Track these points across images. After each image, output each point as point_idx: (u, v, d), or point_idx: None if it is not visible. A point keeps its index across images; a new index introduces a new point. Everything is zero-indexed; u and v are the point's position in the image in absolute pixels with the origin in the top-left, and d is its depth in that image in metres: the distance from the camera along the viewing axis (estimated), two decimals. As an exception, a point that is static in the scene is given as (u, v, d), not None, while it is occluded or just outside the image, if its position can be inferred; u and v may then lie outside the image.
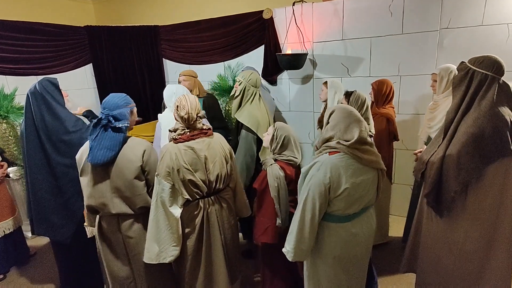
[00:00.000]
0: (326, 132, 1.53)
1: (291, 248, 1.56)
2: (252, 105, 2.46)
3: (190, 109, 1.67)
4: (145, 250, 1.69)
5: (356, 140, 1.44)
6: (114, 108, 1.67)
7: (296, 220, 1.52)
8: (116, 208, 1.70)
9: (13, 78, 3.21)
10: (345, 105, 1.57)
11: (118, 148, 1.64)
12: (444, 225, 1.66)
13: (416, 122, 3.01)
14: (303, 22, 3.22)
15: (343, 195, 1.45)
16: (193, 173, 1.65)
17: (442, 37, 2.71)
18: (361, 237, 1.58)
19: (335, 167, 1.44)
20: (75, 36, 3.72)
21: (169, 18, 3.96)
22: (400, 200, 3.11)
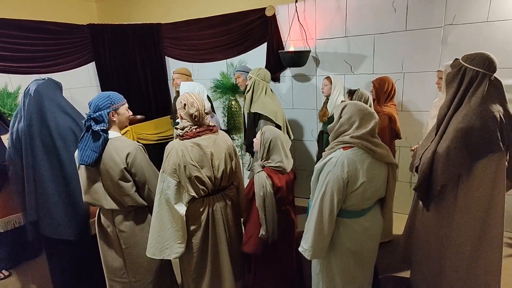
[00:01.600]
0: (340, 126, 1.53)
1: (309, 246, 1.55)
2: (266, 96, 2.53)
3: (199, 106, 1.67)
4: (148, 245, 1.70)
5: (369, 130, 1.46)
6: (95, 110, 1.67)
7: (314, 218, 1.52)
8: (109, 205, 1.74)
9: (16, 76, 3.22)
10: (356, 101, 1.59)
11: (99, 150, 1.65)
12: (436, 218, 1.70)
13: (419, 120, 3.00)
14: (306, 19, 3.20)
15: (359, 190, 1.47)
16: (200, 169, 1.65)
17: (447, 34, 2.69)
18: (373, 230, 1.61)
19: (351, 161, 1.45)
20: (77, 35, 3.72)
21: (171, 16, 3.95)
22: (402, 197, 3.11)
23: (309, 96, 3.46)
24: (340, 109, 1.56)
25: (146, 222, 1.85)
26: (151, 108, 4.12)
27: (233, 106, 3.60)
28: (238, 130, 3.62)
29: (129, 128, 3.10)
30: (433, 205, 1.69)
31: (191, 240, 1.75)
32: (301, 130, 3.61)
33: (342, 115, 1.54)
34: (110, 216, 1.80)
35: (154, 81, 4.12)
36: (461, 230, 1.59)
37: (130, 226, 1.80)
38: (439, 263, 1.71)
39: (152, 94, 4.15)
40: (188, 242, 1.74)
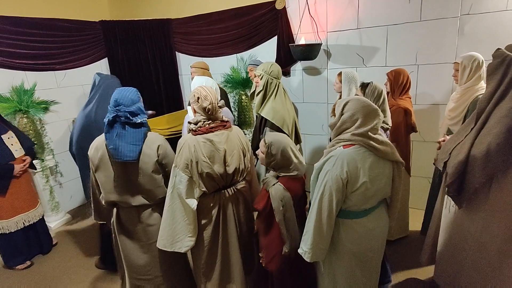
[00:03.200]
0: (342, 123, 1.46)
1: (308, 248, 1.50)
2: (276, 99, 2.35)
3: (212, 99, 1.65)
4: (160, 237, 1.72)
5: (371, 127, 1.40)
6: (130, 103, 1.67)
7: (312, 219, 1.47)
8: (137, 201, 1.76)
9: (32, 73, 3.30)
10: (359, 96, 1.50)
11: (142, 142, 1.68)
12: (463, 215, 1.62)
13: (434, 113, 2.92)
14: (317, 11, 3.15)
15: (360, 190, 1.41)
16: (211, 166, 1.64)
17: (463, 24, 2.60)
18: (377, 231, 1.56)
19: (352, 160, 1.39)
20: (90, 31, 3.78)
21: (181, 11, 3.95)
22: (418, 193, 3.05)
23: (320, 89, 3.42)
24: (342, 105, 1.47)
25: None
26: (162, 103, 4.16)
27: (243, 100, 3.59)
28: (248, 125, 3.61)
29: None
30: (465, 203, 1.60)
31: (202, 234, 1.76)
32: (312, 124, 3.57)
33: (344, 111, 1.46)
34: (135, 213, 1.80)
35: (165, 76, 4.15)
36: (488, 229, 1.51)
37: (159, 218, 1.80)
38: (462, 263, 1.65)
39: (163, 89, 4.18)
40: (198, 236, 1.75)
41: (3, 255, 2.70)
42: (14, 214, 2.60)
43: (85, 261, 2.77)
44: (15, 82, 3.12)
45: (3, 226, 2.57)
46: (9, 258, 2.69)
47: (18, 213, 2.63)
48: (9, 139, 2.57)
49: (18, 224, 2.64)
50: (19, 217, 2.64)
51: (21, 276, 2.65)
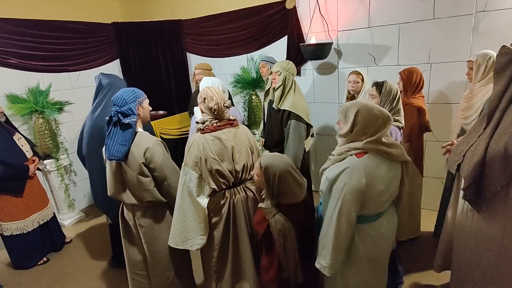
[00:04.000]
0: (354, 133, 1.40)
1: (327, 263, 1.43)
2: (296, 93, 2.42)
3: (218, 100, 1.68)
4: (171, 235, 1.75)
5: (383, 133, 1.37)
6: (122, 104, 1.70)
7: (331, 233, 1.40)
8: (129, 199, 1.79)
9: (47, 75, 3.38)
10: (369, 104, 1.40)
11: (129, 143, 1.69)
12: (479, 219, 1.56)
13: (447, 113, 2.87)
14: (328, 10, 3.13)
15: (377, 198, 1.39)
16: (220, 163, 1.67)
17: (478, 21, 2.54)
18: (388, 234, 1.54)
19: (368, 169, 1.35)
20: (103, 33, 3.85)
21: (192, 12, 3.98)
22: (430, 193, 3.00)
23: (331, 89, 3.40)
24: (353, 115, 1.38)
25: (165, 219, 1.88)
26: (173, 104, 4.21)
27: (253, 100, 3.60)
28: (258, 125, 3.62)
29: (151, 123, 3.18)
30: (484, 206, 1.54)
31: (213, 232, 1.77)
32: (322, 124, 3.55)
33: (357, 123, 1.38)
34: (132, 210, 1.86)
35: (176, 77, 4.20)
36: (509, 232, 1.45)
37: (149, 222, 1.84)
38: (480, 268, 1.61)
39: (174, 90, 4.23)
40: (209, 234, 1.77)
41: (18, 257, 2.72)
42: (29, 213, 2.66)
43: (98, 258, 2.83)
44: (31, 84, 3.21)
45: (20, 227, 2.61)
46: (25, 259, 2.73)
47: (33, 212, 2.69)
48: (19, 140, 2.62)
49: (34, 223, 2.69)
50: (34, 216, 2.69)
51: (35, 273, 2.71)
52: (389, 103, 2.05)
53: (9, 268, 2.79)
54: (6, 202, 2.54)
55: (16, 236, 2.62)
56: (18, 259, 2.73)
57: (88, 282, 2.56)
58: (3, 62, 3.03)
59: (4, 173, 2.41)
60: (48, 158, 3.27)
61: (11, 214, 2.57)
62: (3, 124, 2.55)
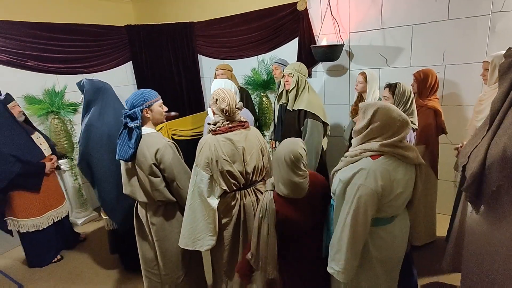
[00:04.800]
0: (370, 131, 1.38)
1: (341, 268, 1.37)
2: (310, 93, 2.46)
3: (230, 101, 1.70)
4: (181, 236, 1.76)
5: (401, 137, 1.34)
6: (130, 108, 1.75)
7: (346, 237, 1.35)
8: (141, 198, 1.83)
9: (62, 76, 3.46)
10: (390, 105, 1.38)
11: (134, 146, 1.72)
12: (489, 222, 1.55)
13: (462, 115, 2.81)
14: (339, 12, 3.11)
15: (393, 201, 1.36)
16: (232, 164, 1.68)
17: (495, 22, 2.49)
18: (401, 237, 1.52)
19: (385, 172, 1.31)
20: (116, 36, 3.92)
21: (204, 14, 4.02)
22: (444, 197, 2.93)
23: (342, 91, 3.37)
24: (371, 112, 1.36)
25: (176, 218, 1.91)
26: (184, 105, 4.25)
27: (264, 102, 3.61)
28: (269, 126, 3.62)
29: (163, 124, 3.22)
30: (486, 207, 1.54)
31: (223, 233, 1.78)
32: (334, 126, 3.53)
33: (374, 121, 1.36)
34: (145, 208, 1.90)
35: (187, 78, 4.24)
36: None
37: (160, 221, 1.87)
38: (491, 271, 1.59)
39: (185, 91, 4.27)
40: (219, 235, 1.78)
41: (33, 254, 2.79)
42: (45, 211, 2.73)
43: (110, 257, 2.87)
44: (47, 85, 3.29)
45: (36, 224, 2.67)
46: (40, 256, 2.80)
47: (48, 209, 2.75)
48: (38, 139, 2.70)
49: (49, 220, 2.76)
50: (49, 213, 2.76)
51: (49, 271, 2.78)
52: (403, 105, 2.03)
53: (23, 266, 2.86)
54: (23, 199, 2.61)
55: (32, 233, 2.69)
56: (34, 256, 2.79)
57: (102, 280, 2.60)
58: (21, 64, 3.12)
59: (21, 171, 2.47)
60: (63, 158, 3.34)
61: (27, 211, 2.63)
62: (22, 123, 2.62)
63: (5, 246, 3.10)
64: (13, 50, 3.05)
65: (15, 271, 2.79)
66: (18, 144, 2.49)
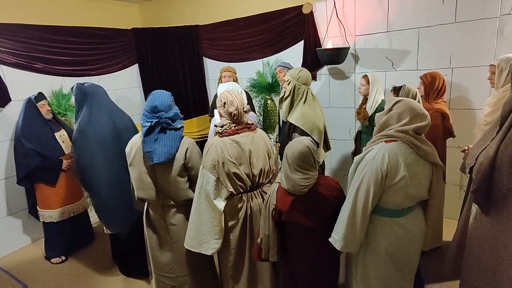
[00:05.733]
0: (388, 118, 1.47)
1: (340, 237, 1.47)
2: (305, 105, 2.23)
3: (238, 105, 1.70)
4: (187, 237, 1.76)
5: (416, 127, 1.40)
6: (168, 109, 1.76)
7: (347, 209, 1.46)
8: (161, 200, 1.82)
9: (70, 78, 3.50)
10: (410, 99, 1.50)
11: (178, 145, 1.76)
12: (493, 225, 1.53)
13: (470, 118, 2.78)
14: (345, 15, 3.11)
15: (399, 185, 1.41)
16: (238, 166, 1.68)
17: (503, 24, 2.46)
18: (414, 234, 1.53)
19: (393, 154, 1.39)
20: (123, 39, 3.95)
21: (209, 17, 4.04)
22: (451, 201, 2.90)
23: (347, 94, 3.36)
24: (392, 103, 1.48)
25: None
26: (189, 107, 4.26)
27: (268, 105, 3.61)
28: (273, 129, 3.61)
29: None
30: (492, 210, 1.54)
31: (229, 236, 1.78)
32: (339, 129, 3.51)
33: (393, 108, 1.47)
34: (161, 211, 1.88)
35: (192, 81, 4.26)
36: None
37: (181, 219, 1.87)
38: (494, 275, 1.56)
39: (191, 93, 4.29)
40: (226, 238, 1.77)
41: (46, 243, 2.92)
42: (61, 205, 2.83)
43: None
44: (54, 87, 3.33)
45: (52, 215, 2.80)
46: (51, 247, 2.90)
47: (65, 204, 2.85)
48: (61, 137, 2.82)
49: (64, 215, 2.84)
50: (65, 208, 2.85)
51: (53, 271, 2.79)
52: None
53: (29, 266, 2.88)
54: (42, 190, 2.79)
55: (49, 224, 2.82)
56: (49, 246, 2.91)
57: (106, 281, 2.59)
58: (29, 66, 3.16)
59: (40, 164, 2.66)
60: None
61: (45, 202, 2.80)
62: (49, 121, 2.77)
63: (10, 247, 3.13)
64: (21, 52, 3.09)
65: (20, 271, 2.80)
66: (41, 140, 2.67)
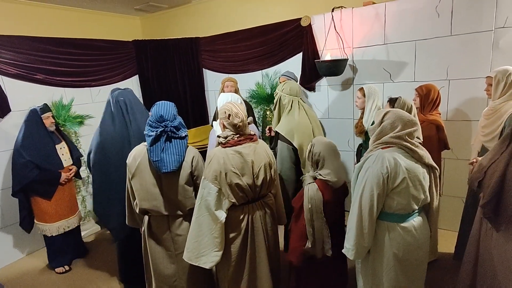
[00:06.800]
0: (382, 129, 1.55)
1: (351, 245, 1.54)
2: (289, 114, 2.41)
3: (243, 117, 1.73)
4: (186, 248, 1.73)
5: (408, 132, 1.49)
6: (173, 118, 1.79)
7: (354, 215, 1.52)
8: (168, 210, 1.82)
9: (70, 89, 3.51)
10: (398, 109, 1.62)
11: (184, 153, 1.79)
12: (504, 240, 1.51)
13: (467, 129, 2.80)
14: (343, 28, 3.16)
15: (401, 187, 1.45)
16: (241, 177, 1.67)
17: (498, 37, 2.51)
18: (422, 239, 1.56)
19: (391, 157, 1.47)
20: (124, 50, 3.99)
21: (209, 30, 4.10)
22: (450, 213, 2.89)
23: (345, 105, 3.38)
24: (382, 115, 1.58)
25: None
26: (189, 118, 4.27)
27: (267, 116, 3.62)
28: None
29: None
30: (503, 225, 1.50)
31: (230, 248, 1.75)
32: (337, 140, 3.48)
33: (384, 119, 1.56)
34: (166, 222, 1.86)
35: (192, 92, 4.29)
36: None
37: (187, 229, 1.84)
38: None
39: (190, 104, 4.31)
40: (226, 250, 1.75)
41: (48, 254, 2.89)
42: (57, 219, 2.77)
43: (111, 272, 2.82)
44: (54, 98, 3.33)
45: (46, 229, 2.75)
46: (52, 258, 2.88)
47: (60, 218, 2.80)
48: (61, 149, 2.80)
49: (59, 229, 2.79)
50: (60, 223, 2.80)
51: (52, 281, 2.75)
52: None
53: (27, 277, 2.83)
54: (37, 204, 2.73)
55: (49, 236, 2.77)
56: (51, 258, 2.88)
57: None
58: (30, 77, 3.17)
59: (37, 177, 2.59)
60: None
61: (40, 216, 2.75)
62: (51, 132, 2.74)
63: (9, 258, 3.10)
64: (22, 63, 3.10)
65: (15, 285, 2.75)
66: (41, 152, 2.62)
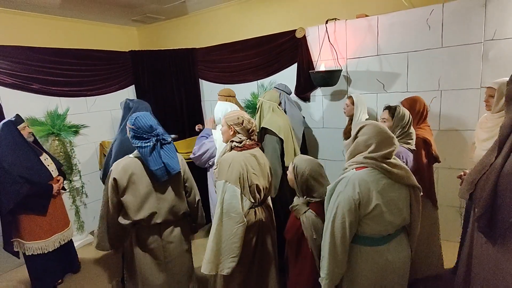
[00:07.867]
0: (356, 146, 1.47)
1: (325, 274, 1.45)
2: (273, 113, 2.68)
3: (255, 122, 1.84)
4: (205, 262, 1.71)
5: (384, 154, 1.38)
6: (158, 126, 1.86)
7: (327, 242, 1.43)
8: (162, 217, 1.82)
9: (65, 99, 3.52)
10: (376, 122, 1.50)
11: (177, 156, 1.88)
12: (497, 254, 1.48)
13: (459, 139, 2.83)
14: (337, 39, 3.22)
15: (374, 213, 1.38)
16: (259, 178, 1.76)
17: (487, 50, 2.56)
18: (397, 263, 1.48)
19: (363, 181, 1.37)
20: (120, 61, 4.02)
21: (205, 41, 4.16)
22: (448, 224, 2.87)
23: (340, 115, 3.40)
24: (357, 129, 1.49)
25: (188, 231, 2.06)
26: (185, 128, 4.28)
27: (262, 125, 3.65)
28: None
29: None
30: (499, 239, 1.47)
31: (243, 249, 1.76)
32: (331, 150, 3.54)
33: (358, 135, 1.47)
34: (157, 231, 1.86)
35: (188, 102, 4.31)
36: None
37: (178, 236, 1.91)
38: None
39: (186, 115, 4.33)
40: None
41: (37, 278, 2.66)
42: (51, 233, 2.63)
43: (106, 282, 2.78)
44: (50, 107, 3.33)
45: (41, 247, 2.56)
46: (44, 280, 2.68)
47: (55, 232, 2.65)
48: (46, 160, 2.65)
49: (55, 244, 2.65)
50: (55, 237, 2.65)
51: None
52: (401, 128, 2.05)
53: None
54: (30, 221, 2.53)
55: (37, 256, 2.57)
56: (38, 279, 2.67)
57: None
58: (26, 87, 3.18)
59: (29, 192, 2.41)
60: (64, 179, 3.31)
61: (34, 233, 2.54)
62: (31, 144, 2.58)
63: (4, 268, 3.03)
64: (19, 73, 3.12)
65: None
66: (27, 165, 2.45)
